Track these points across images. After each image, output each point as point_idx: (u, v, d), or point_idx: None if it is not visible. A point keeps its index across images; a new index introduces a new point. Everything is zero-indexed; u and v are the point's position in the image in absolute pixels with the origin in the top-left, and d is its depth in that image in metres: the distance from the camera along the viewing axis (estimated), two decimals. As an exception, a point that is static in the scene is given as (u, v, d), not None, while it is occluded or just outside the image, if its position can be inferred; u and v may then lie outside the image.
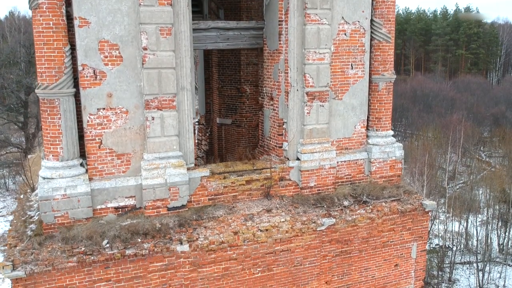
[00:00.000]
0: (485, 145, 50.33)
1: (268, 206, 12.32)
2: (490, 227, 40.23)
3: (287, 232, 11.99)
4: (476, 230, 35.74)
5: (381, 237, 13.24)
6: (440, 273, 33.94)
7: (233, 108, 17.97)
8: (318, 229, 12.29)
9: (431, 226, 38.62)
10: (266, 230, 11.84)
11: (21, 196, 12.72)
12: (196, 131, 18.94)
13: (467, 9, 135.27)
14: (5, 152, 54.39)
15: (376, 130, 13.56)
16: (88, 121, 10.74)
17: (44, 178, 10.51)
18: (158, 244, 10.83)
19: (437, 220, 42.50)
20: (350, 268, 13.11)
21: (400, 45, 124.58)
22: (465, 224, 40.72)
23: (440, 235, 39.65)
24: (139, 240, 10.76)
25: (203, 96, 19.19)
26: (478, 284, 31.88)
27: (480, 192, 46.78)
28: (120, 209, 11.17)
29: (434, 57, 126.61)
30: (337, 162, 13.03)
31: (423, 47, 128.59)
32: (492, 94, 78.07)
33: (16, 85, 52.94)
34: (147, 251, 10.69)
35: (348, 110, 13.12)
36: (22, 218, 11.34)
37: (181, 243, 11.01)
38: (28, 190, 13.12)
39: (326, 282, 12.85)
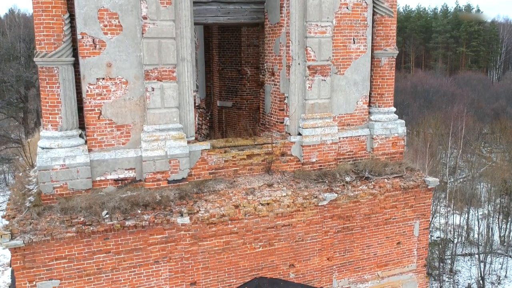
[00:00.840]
0: (486, 140, 50.22)
1: (269, 181, 12.19)
2: (491, 221, 40.05)
3: (289, 206, 11.86)
4: (478, 221, 35.57)
5: (383, 214, 13.12)
6: (441, 264, 33.82)
7: (233, 90, 17.84)
8: (319, 204, 12.17)
9: (431, 220, 38.51)
10: (268, 204, 11.71)
11: (20, 174, 12.58)
12: (197, 115, 18.80)
13: (468, 8, 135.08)
14: (4, 147, 54.21)
15: (379, 106, 13.44)
16: (87, 91, 10.61)
17: (43, 148, 10.38)
18: (159, 216, 10.71)
19: (438, 214, 42.36)
20: (352, 245, 12.98)
21: (400, 42, 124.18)
22: (466, 217, 40.55)
23: (441, 228, 39.45)
24: (139, 211, 10.64)
25: (203, 80, 19.04)
26: (479, 275, 31.73)
27: (481, 186, 46.61)
28: (120, 181, 11.04)
29: (434, 55, 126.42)
30: (339, 138, 12.90)
31: (423, 44, 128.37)
32: (493, 90, 77.86)
33: (15, 80, 52.78)
34: (147, 222, 10.57)
35: (350, 86, 12.99)
36: (21, 192, 11.20)
37: (182, 216, 10.88)
38: (27, 168, 12.98)
39: (328, 259, 12.72)
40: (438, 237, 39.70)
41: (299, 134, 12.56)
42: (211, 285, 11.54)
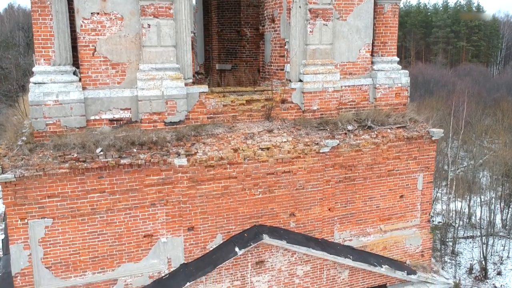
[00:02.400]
0: (487, 133, 49.77)
1: (269, 127, 11.85)
2: (493, 207, 39.70)
3: (289, 152, 11.53)
4: (480, 207, 35.17)
5: (386, 165, 12.78)
6: (443, 246, 33.47)
7: (232, 52, 17.49)
8: (321, 151, 11.83)
9: (433, 207, 38.12)
10: (267, 149, 11.38)
11: (14, 122, 12.23)
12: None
13: (468, 3, 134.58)
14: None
15: (382, 55, 13.09)
16: (81, 26, 10.26)
17: (35, 83, 10.03)
18: (155, 155, 10.37)
19: (440, 201, 42.03)
20: (354, 196, 12.64)
21: (400, 37, 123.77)
22: (467, 203, 40.22)
23: (442, 213, 39.12)
24: (135, 150, 10.30)
25: (202, 44, 18.69)
26: (482, 255, 31.40)
27: (482, 174, 46.26)
28: (115, 122, 10.69)
29: (434, 49, 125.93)
30: (341, 86, 12.55)
31: (423, 39, 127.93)
32: (494, 81, 77.47)
33: (14, 68, 52.45)
34: (143, 161, 10.24)
35: (353, 32, 12.63)
36: (14, 135, 10.85)
37: (179, 156, 10.55)
38: (21, 118, 12.64)
39: (329, 209, 12.38)
40: (439, 222, 39.38)
41: (300, 80, 12.22)
42: (209, 230, 11.21)
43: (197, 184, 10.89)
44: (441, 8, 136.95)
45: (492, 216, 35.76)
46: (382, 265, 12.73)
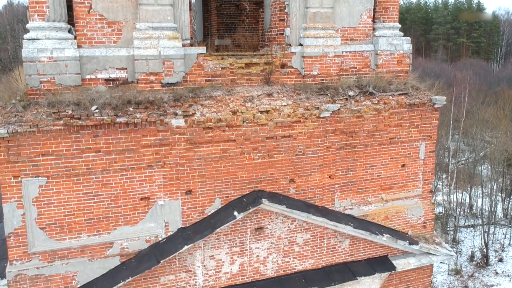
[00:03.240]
0: (488, 121, 49.51)
1: (269, 91, 11.62)
2: (494, 198, 39.49)
3: (289, 116, 11.30)
4: (482, 198, 34.90)
5: (388, 132, 12.55)
6: (444, 235, 33.25)
7: (232, 27, 17.27)
8: (321, 116, 11.60)
9: (434, 198, 37.83)
10: (267, 112, 11.15)
11: (9, 86, 11.98)
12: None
13: (469, 0, 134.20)
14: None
15: (383, 21, 12.85)
16: (76, -19, 10.03)
17: (29, 40, 9.79)
18: (152, 115, 10.14)
19: (441, 192, 41.80)
20: (355, 163, 12.41)
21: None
22: (468, 194, 40.01)
23: (443, 203, 38.88)
24: (131, 109, 10.07)
25: (201, 20, 18.47)
26: (483, 241, 31.20)
27: (483, 168, 46.04)
28: (111, 82, 10.45)
29: (435, 46, 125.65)
30: (342, 52, 12.31)
31: (423, 36, 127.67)
32: (494, 76, 77.22)
33: (13, 59, 52.26)
34: (140, 120, 10.00)
35: (353, -3, 12.39)
36: (8, 95, 10.62)
37: (176, 117, 10.32)
38: (16, 84, 12.39)
39: (329, 176, 12.16)
40: (440, 213, 39.16)
41: (300, 44, 11.98)
42: (207, 194, 10.98)
43: (195, 147, 10.67)
44: (441, 5, 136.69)
45: (493, 206, 35.53)
46: (384, 234, 12.51)
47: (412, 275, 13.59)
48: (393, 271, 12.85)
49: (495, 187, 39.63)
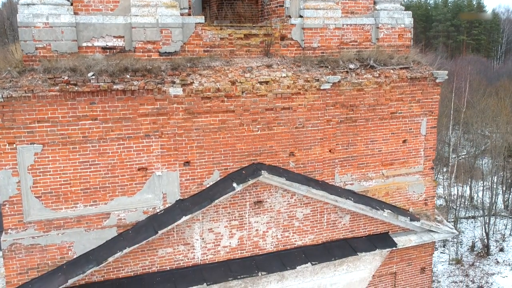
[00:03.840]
0: (488, 117, 49.28)
1: (268, 62, 11.46)
2: (494, 192, 39.29)
3: (289, 87, 11.14)
4: (482, 191, 34.67)
5: (389, 106, 12.39)
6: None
7: (231, 8, 17.09)
8: (322, 88, 11.44)
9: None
10: (266, 83, 10.99)
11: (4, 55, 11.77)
12: None
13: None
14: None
15: (384, -6, 12.69)
16: None
17: (24, 4, 9.63)
18: (149, 83, 9.98)
19: (441, 185, 41.55)
20: (356, 138, 12.26)
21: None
22: (469, 187, 39.79)
23: (444, 196, 38.66)
24: (128, 76, 9.90)
25: (199, 1, 18.29)
26: (484, 231, 31.05)
27: (483, 162, 45.82)
28: (108, 50, 10.28)
29: (435, 43, 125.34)
30: (343, 25, 12.14)
31: (423, 33, 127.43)
32: (494, 71, 76.96)
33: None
34: (137, 87, 9.84)
35: (354, -31, 12.24)
36: (4, 63, 10.42)
37: (174, 85, 10.16)
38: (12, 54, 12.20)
39: (329, 150, 11.99)
40: (440, 205, 38.97)
41: (300, 16, 11.81)
42: (206, 166, 10.82)
43: (193, 117, 10.50)
44: (441, 3, 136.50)
45: (494, 198, 35.37)
46: (384, 210, 12.35)
47: (413, 253, 13.43)
48: (394, 248, 12.69)
49: (495, 180, 39.46)
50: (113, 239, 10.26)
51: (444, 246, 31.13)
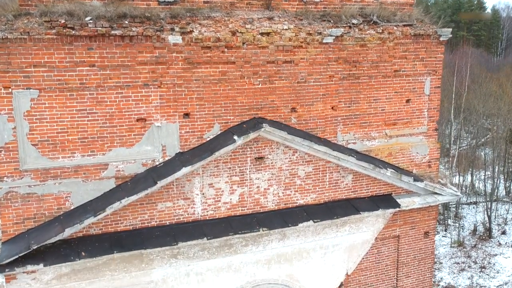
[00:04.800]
0: (488, 116, 48.99)
1: (269, 15, 11.23)
2: (496, 180, 39.07)
3: (290, 40, 10.93)
4: (484, 180, 34.44)
5: (392, 64, 12.18)
6: (445, 211, 32.91)
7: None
8: (324, 41, 11.23)
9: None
10: (268, 34, 10.78)
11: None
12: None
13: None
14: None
15: (387, -49, 12.47)
16: None
17: None
18: (148, 29, 9.76)
19: (442, 175, 41.29)
20: (359, 96, 12.04)
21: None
22: (470, 173, 39.58)
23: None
24: (127, 22, 9.68)
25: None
26: (486, 214, 30.87)
27: (485, 152, 45.64)
28: (106, -3, 10.06)
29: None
30: (345, -20, 11.94)
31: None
32: (495, 63, 76.70)
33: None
34: (136, 33, 9.63)
35: None
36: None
37: (173, 33, 9.95)
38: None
39: (332, 108, 11.78)
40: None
41: (302, -31, 11.61)
42: (206, 119, 10.61)
43: (193, 67, 10.29)
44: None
45: (495, 184, 35.17)
46: (388, 168, 12.14)
47: (416, 216, 13.22)
48: (397, 209, 12.48)
49: (496, 169, 39.29)
50: (112, 191, 10.05)
51: (445, 230, 30.96)
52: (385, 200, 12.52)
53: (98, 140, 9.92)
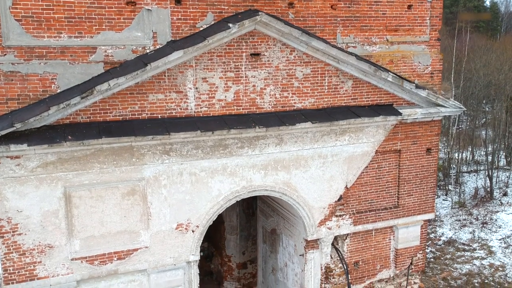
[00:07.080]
0: (488, 101, 48.50)
1: None
2: (496, 155, 38.57)
3: None
4: (486, 153, 33.96)
5: (394, -36, 11.72)
6: (446, 178, 32.45)
7: None
8: None
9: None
10: None
11: None
12: None
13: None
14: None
15: None
16: None
17: None
18: None
19: (441, 152, 40.85)
20: (359, -4, 11.57)
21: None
22: (471, 149, 39.09)
23: (445, 158, 38.01)
24: None
25: None
26: (488, 177, 30.37)
27: (484, 132, 45.16)
28: None
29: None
30: None
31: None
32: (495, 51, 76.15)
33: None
34: None
35: None
36: None
37: None
38: None
39: (331, 6, 11.35)
40: (441, 164, 38.33)
41: None
42: (199, 7, 10.18)
43: (185, -51, 9.82)
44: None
45: (496, 156, 34.76)
46: (389, 73, 11.69)
47: (418, 130, 12.77)
48: (399, 117, 12.03)
49: (496, 146, 38.84)
50: (100, 75, 9.59)
51: (446, 195, 30.49)
52: (386, 109, 12.07)
53: (85, 21, 9.45)
